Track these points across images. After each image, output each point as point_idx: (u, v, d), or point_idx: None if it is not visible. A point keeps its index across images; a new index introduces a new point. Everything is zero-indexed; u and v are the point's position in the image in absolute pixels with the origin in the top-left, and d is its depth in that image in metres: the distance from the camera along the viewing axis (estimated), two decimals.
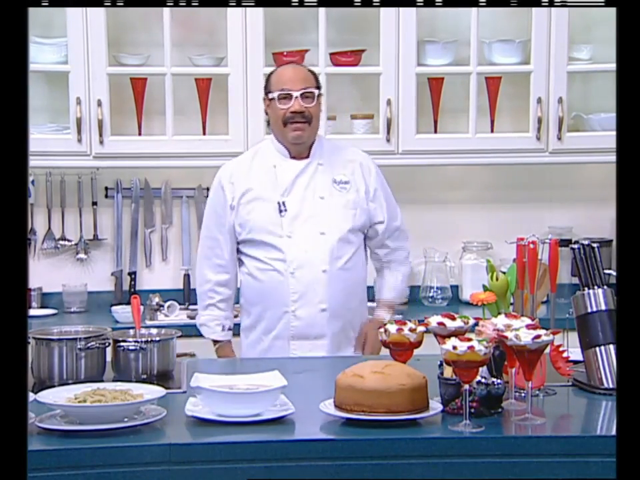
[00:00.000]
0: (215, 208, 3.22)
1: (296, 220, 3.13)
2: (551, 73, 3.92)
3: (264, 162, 3.21)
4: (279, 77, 3.16)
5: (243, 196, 3.17)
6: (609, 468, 2.11)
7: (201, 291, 3.26)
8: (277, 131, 3.18)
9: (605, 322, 2.48)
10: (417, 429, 2.17)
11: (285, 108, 3.10)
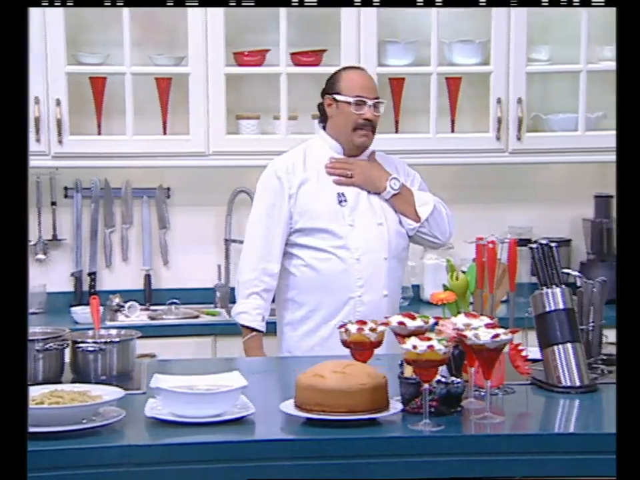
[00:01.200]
0: (270, 197, 3.21)
1: (355, 210, 3.21)
2: (510, 73, 3.95)
3: (318, 157, 3.27)
4: (353, 82, 3.23)
5: (302, 185, 3.21)
6: (567, 465, 2.14)
7: (244, 279, 3.22)
8: (343, 133, 3.24)
9: (563, 321, 2.50)
10: (377, 428, 2.17)
11: (358, 114, 3.19)
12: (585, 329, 2.62)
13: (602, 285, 2.68)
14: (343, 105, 3.20)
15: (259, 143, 4.01)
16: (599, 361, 2.66)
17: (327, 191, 3.21)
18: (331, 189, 3.21)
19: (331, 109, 3.25)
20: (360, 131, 3.21)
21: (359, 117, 3.18)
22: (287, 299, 3.24)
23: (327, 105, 3.26)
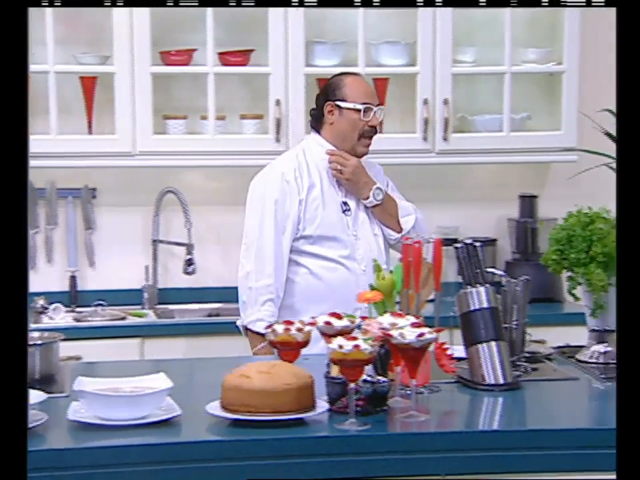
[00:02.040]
0: (280, 200, 3.15)
1: (357, 220, 3.22)
2: (436, 74, 3.99)
3: (320, 162, 3.23)
4: (358, 88, 3.22)
5: (310, 191, 3.18)
6: (491, 462, 2.17)
7: (261, 285, 3.14)
8: (346, 140, 3.22)
9: (487, 319, 2.53)
10: (303, 428, 2.17)
11: (365, 121, 3.17)
12: (508, 327, 2.65)
13: (525, 283, 2.72)
14: (349, 111, 3.18)
15: (186, 143, 3.98)
16: (522, 358, 2.70)
17: (332, 198, 3.20)
18: (335, 197, 3.21)
19: (332, 115, 3.21)
20: (365, 140, 3.22)
21: (366, 124, 3.18)
22: (284, 305, 3.18)
23: (328, 112, 3.21)
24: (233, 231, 4.20)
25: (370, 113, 3.18)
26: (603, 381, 2.62)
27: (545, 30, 4.17)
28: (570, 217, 2.78)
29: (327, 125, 3.24)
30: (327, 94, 3.24)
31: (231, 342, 3.72)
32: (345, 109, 3.18)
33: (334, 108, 3.20)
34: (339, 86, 3.23)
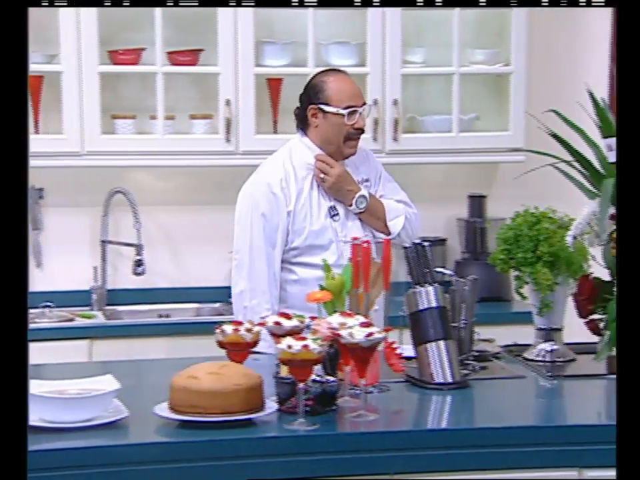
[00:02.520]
0: (268, 217, 3.07)
1: (346, 224, 3.15)
2: (386, 75, 4.00)
3: (303, 166, 3.15)
4: (341, 91, 3.11)
5: (297, 200, 3.10)
6: (440, 460, 2.18)
7: (253, 304, 3.06)
8: (333, 143, 3.13)
9: (436, 318, 2.55)
10: (252, 428, 2.17)
11: (350, 124, 3.09)
12: (457, 326, 2.67)
13: (473, 283, 2.74)
14: (333, 116, 3.09)
15: (135, 143, 3.95)
16: (470, 357, 2.72)
17: (319, 204, 3.13)
18: (323, 201, 3.14)
19: (316, 119, 3.13)
20: (351, 142, 3.13)
21: (351, 127, 3.10)
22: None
23: (311, 115, 3.13)
24: (183, 231, 4.21)
25: (354, 115, 3.10)
26: (549, 379, 2.65)
27: (493, 31, 4.20)
28: (517, 216, 2.81)
29: (312, 128, 3.16)
30: (310, 96, 3.15)
31: (181, 343, 3.71)
32: (328, 113, 3.10)
33: (317, 111, 3.11)
34: (322, 88, 3.12)
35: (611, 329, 2.33)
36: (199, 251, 4.21)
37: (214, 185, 4.22)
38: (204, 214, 4.21)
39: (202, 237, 4.21)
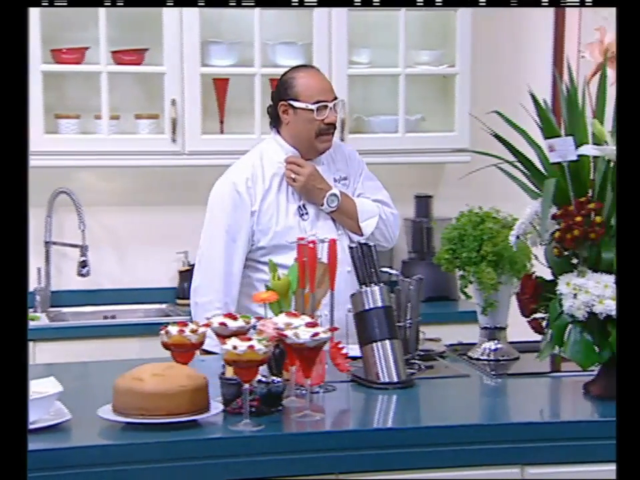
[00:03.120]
0: (231, 214, 3.07)
1: (317, 222, 3.14)
2: (332, 75, 4.00)
3: (274, 164, 3.14)
4: (310, 86, 3.11)
5: (263, 200, 3.09)
6: (385, 459, 2.19)
7: (206, 301, 3.04)
8: (304, 139, 3.13)
9: (381, 318, 2.55)
10: (197, 430, 2.16)
11: (320, 119, 3.08)
12: (402, 325, 2.68)
13: (419, 282, 2.75)
14: (303, 112, 3.09)
15: (79, 143, 3.91)
16: (416, 356, 2.74)
17: (287, 203, 3.12)
18: (291, 200, 3.13)
19: (287, 115, 3.13)
20: (323, 137, 3.13)
21: (322, 122, 3.10)
22: (243, 306, 3.08)
23: (282, 112, 3.14)
24: (129, 232, 4.17)
25: (324, 110, 3.10)
26: (493, 377, 2.67)
27: (438, 33, 4.23)
28: (461, 216, 2.83)
29: (284, 125, 3.17)
30: (280, 93, 3.16)
31: (127, 345, 3.68)
32: (298, 109, 3.10)
33: (288, 107, 3.12)
34: (291, 84, 3.13)
35: (553, 327, 2.36)
36: (145, 252, 4.18)
37: (160, 186, 4.20)
38: (150, 214, 4.19)
39: (148, 238, 4.18)
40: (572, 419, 2.40)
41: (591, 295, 2.28)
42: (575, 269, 2.36)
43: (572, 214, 2.31)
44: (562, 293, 2.34)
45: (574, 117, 2.39)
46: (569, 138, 2.31)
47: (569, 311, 2.32)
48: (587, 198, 2.34)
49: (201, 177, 4.19)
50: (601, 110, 2.40)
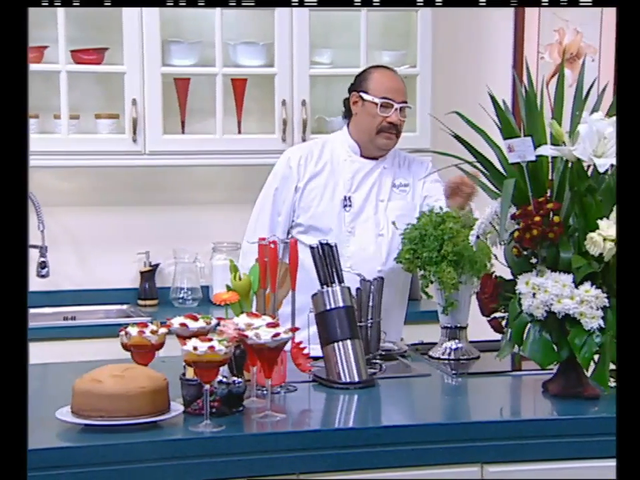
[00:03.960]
0: (279, 183, 3.21)
1: (358, 217, 3.18)
2: (294, 75, 4.01)
3: (334, 153, 3.24)
4: (382, 82, 3.19)
5: (311, 180, 3.18)
6: (347, 459, 2.19)
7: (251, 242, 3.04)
8: (364, 133, 3.21)
9: (343, 318, 2.56)
10: (157, 431, 2.15)
11: (384, 116, 3.14)
12: (363, 325, 2.69)
13: (380, 282, 2.76)
14: (369, 104, 3.18)
15: (38, 143, 3.85)
16: (377, 356, 2.75)
17: (334, 191, 3.19)
18: (339, 190, 3.19)
19: (356, 106, 3.22)
20: (383, 134, 3.19)
21: (384, 120, 3.16)
22: None
23: (353, 102, 3.23)
24: (89, 233, 4.14)
25: (389, 109, 3.17)
26: (454, 376, 2.69)
27: (399, 33, 4.24)
28: (422, 216, 2.84)
29: (353, 117, 3.26)
30: (355, 84, 3.26)
31: (87, 346, 3.65)
32: (366, 101, 3.19)
33: (358, 99, 3.21)
34: (366, 77, 3.24)
35: (512, 326, 2.37)
36: (105, 253, 4.15)
37: (121, 186, 4.18)
38: (110, 215, 4.16)
39: (108, 238, 4.16)
40: (531, 417, 2.43)
41: (550, 294, 2.30)
42: (534, 269, 2.38)
43: (531, 214, 2.33)
44: (521, 292, 2.36)
45: (533, 118, 2.41)
46: (528, 138, 2.33)
47: (528, 310, 2.34)
48: (545, 198, 2.36)
49: (162, 177, 4.20)
50: (559, 110, 2.42)
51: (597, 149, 2.28)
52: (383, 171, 3.28)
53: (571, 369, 2.40)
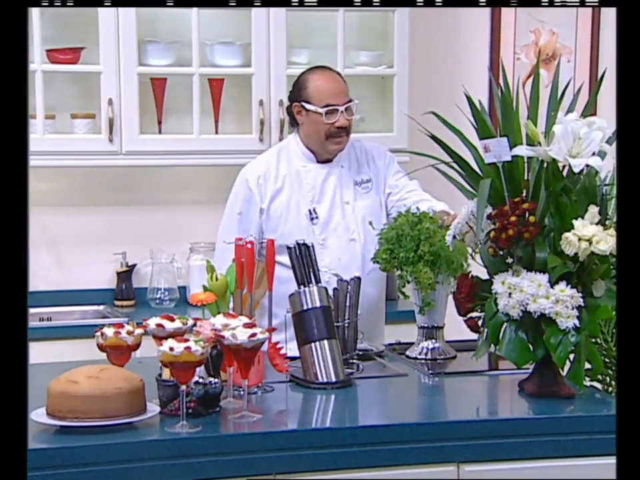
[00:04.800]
0: (242, 207, 3.14)
1: (327, 227, 3.13)
2: (271, 75, 4.00)
3: (290, 164, 3.16)
4: (321, 89, 3.11)
5: (273, 200, 3.11)
6: (323, 459, 2.19)
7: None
8: (315, 141, 3.15)
9: (320, 318, 2.56)
10: (133, 432, 2.14)
11: (330, 122, 3.09)
12: (341, 325, 2.69)
13: (357, 282, 2.76)
14: (313, 114, 3.10)
15: None
16: (354, 356, 2.75)
17: (298, 206, 3.12)
18: (302, 203, 3.13)
19: (300, 116, 3.15)
20: (333, 139, 3.13)
21: (332, 126, 3.10)
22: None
23: (296, 112, 3.15)
24: (65, 233, 4.12)
25: (334, 114, 3.10)
26: (431, 376, 2.69)
27: (376, 33, 4.25)
28: (399, 216, 2.85)
29: (299, 125, 3.20)
30: (294, 94, 3.19)
31: (63, 347, 3.63)
32: (310, 111, 3.12)
33: (301, 109, 3.15)
34: (304, 86, 3.15)
35: (488, 326, 2.38)
36: (81, 253, 4.13)
37: (97, 186, 4.16)
38: (87, 215, 4.14)
39: (85, 239, 4.14)
40: (507, 416, 2.44)
41: (525, 294, 2.31)
42: (509, 268, 2.39)
43: (506, 214, 2.34)
44: (497, 292, 2.37)
45: (508, 118, 2.42)
46: (504, 139, 2.34)
47: (504, 310, 2.35)
48: (521, 198, 2.37)
49: (139, 177, 4.19)
50: (535, 111, 2.43)
51: (572, 149, 2.29)
52: (342, 171, 3.22)
53: (546, 368, 2.41)
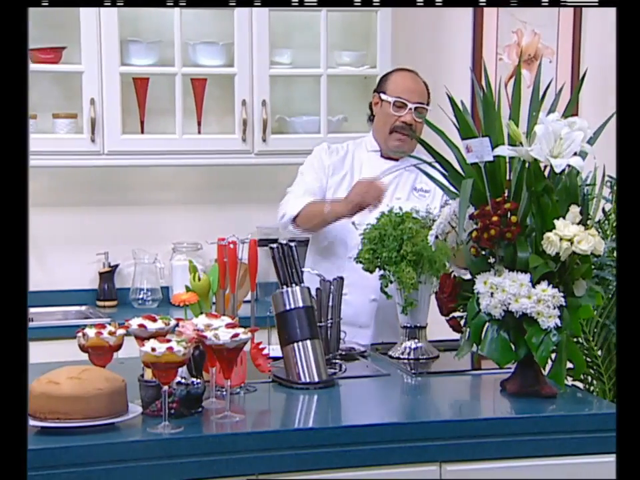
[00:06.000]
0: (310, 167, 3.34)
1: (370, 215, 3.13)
2: (254, 75, 4.00)
3: (358, 151, 3.35)
4: (398, 83, 3.26)
5: (333, 174, 3.29)
6: (306, 459, 2.19)
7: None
8: (380, 133, 3.28)
9: (302, 318, 2.55)
10: (115, 433, 2.14)
11: (397, 115, 3.19)
12: (323, 325, 2.69)
13: (339, 282, 2.76)
14: (385, 104, 3.24)
15: None
16: (337, 356, 2.75)
17: (349, 187, 3.19)
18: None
19: (376, 107, 3.31)
20: (396, 134, 3.23)
21: (397, 119, 3.21)
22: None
23: (374, 104, 3.32)
24: (47, 233, 4.10)
25: (403, 108, 3.22)
26: (413, 376, 2.69)
27: (359, 33, 4.25)
28: (382, 216, 2.85)
29: (375, 118, 3.35)
30: (377, 85, 3.36)
31: (45, 348, 3.61)
32: (383, 101, 3.27)
33: (378, 100, 3.30)
34: (386, 78, 3.34)
35: (470, 325, 2.39)
36: (64, 254, 4.12)
37: (79, 186, 4.15)
38: (69, 215, 4.13)
39: (67, 239, 4.12)
40: (489, 416, 2.44)
41: (507, 294, 2.32)
42: (492, 268, 2.40)
43: (488, 214, 2.34)
44: (479, 292, 2.37)
45: (490, 119, 2.42)
46: (485, 139, 2.34)
47: (486, 310, 2.36)
48: (503, 198, 2.37)
49: (121, 177, 4.18)
50: (517, 111, 2.44)
51: (553, 150, 2.30)
52: (403, 172, 3.26)
53: (528, 367, 2.42)
